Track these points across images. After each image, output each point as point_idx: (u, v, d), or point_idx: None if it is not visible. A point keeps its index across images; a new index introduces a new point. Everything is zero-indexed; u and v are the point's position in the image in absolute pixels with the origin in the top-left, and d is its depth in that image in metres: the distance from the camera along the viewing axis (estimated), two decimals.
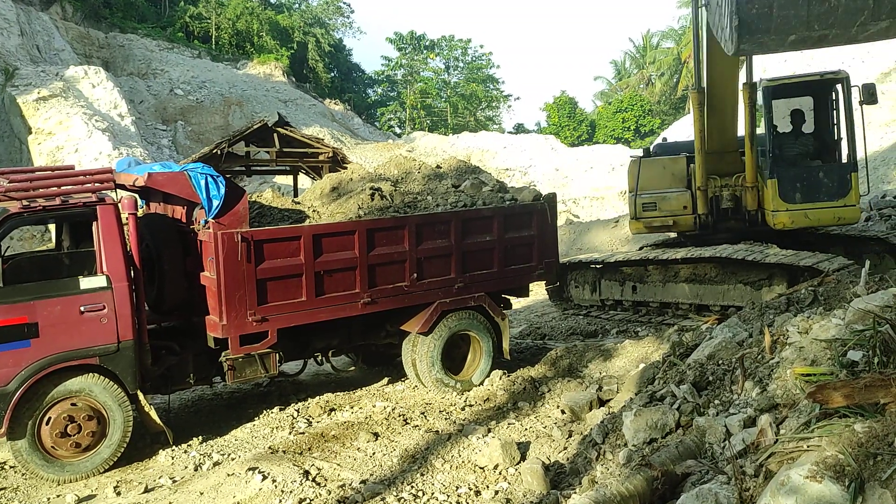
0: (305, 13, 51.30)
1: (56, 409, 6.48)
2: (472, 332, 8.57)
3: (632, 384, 6.93)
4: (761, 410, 4.48)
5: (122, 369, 6.69)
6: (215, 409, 8.40)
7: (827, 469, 3.30)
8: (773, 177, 10.41)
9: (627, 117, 53.93)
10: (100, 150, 19.38)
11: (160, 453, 7.00)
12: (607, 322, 11.65)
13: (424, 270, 8.11)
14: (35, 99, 20.23)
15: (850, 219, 10.30)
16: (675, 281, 11.12)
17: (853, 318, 4.89)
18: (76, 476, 6.54)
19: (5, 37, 25.29)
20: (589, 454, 5.48)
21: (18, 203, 6.40)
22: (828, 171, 10.34)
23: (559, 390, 8.06)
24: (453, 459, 6.38)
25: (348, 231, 7.61)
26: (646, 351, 8.75)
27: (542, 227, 8.97)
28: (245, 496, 5.82)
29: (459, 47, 58.39)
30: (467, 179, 9.05)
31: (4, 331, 6.17)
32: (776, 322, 5.94)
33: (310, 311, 7.47)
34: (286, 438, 7.20)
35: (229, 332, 7.07)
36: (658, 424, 5.03)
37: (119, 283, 6.62)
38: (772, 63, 26.18)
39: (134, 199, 6.95)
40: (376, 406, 8.04)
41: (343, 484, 5.99)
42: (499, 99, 61.02)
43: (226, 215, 6.99)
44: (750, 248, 10.14)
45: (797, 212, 10.31)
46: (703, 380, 5.41)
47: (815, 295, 6.88)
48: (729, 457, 4.16)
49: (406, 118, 56.52)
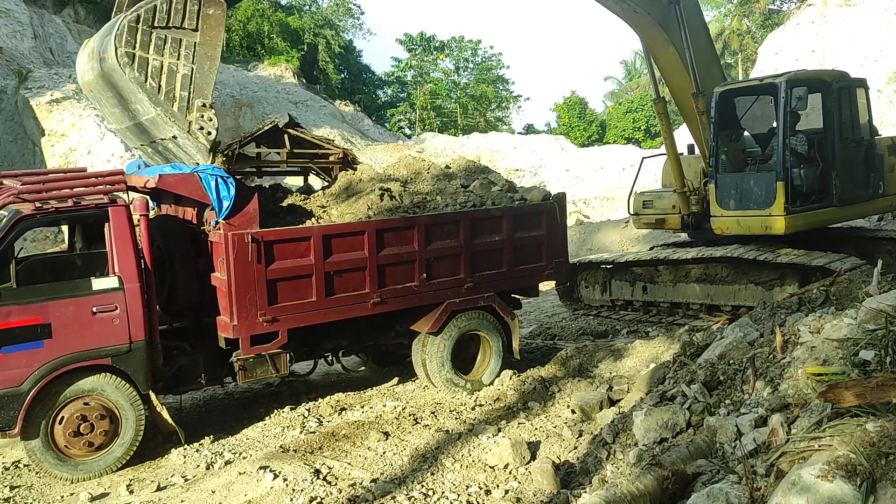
0: (316, 15, 51.38)
1: (69, 409, 6.52)
2: (481, 332, 8.57)
3: (642, 384, 6.92)
4: (772, 410, 4.47)
5: (134, 370, 6.73)
6: (227, 408, 8.43)
7: (838, 468, 3.29)
8: (712, 182, 10.40)
9: (638, 117, 53.76)
10: (112, 151, 19.49)
11: (172, 452, 7.04)
12: (618, 322, 11.62)
13: (434, 270, 8.12)
14: (48, 101, 20.37)
15: (776, 229, 9.65)
16: (685, 281, 11.10)
17: (865, 318, 4.87)
18: (89, 475, 6.58)
19: (19, 39, 25.49)
20: (599, 453, 5.48)
21: (31, 205, 6.44)
22: (757, 179, 10.04)
23: (569, 390, 8.06)
24: (463, 459, 6.39)
25: (358, 231, 7.63)
26: (656, 351, 8.73)
27: (552, 226, 8.96)
28: (256, 494, 5.85)
29: (469, 48, 58.32)
30: (476, 179, 9.05)
31: (18, 331, 6.21)
32: (787, 322, 5.92)
33: (320, 312, 7.49)
34: (297, 437, 7.23)
35: (240, 333, 7.10)
36: (669, 424, 5.02)
37: (131, 284, 6.65)
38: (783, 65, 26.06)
39: (145, 201, 6.99)
40: (387, 406, 8.06)
41: (354, 483, 6.01)
42: (508, 100, 60.90)
43: (236, 216, 7.02)
44: (761, 249, 10.09)
45: (730, 218, 10.22)
46: (714, 379, 5.40)
47: (826, 295, 6.85)
48: (740, 456, 4.15)
49: (416, 119, 56.52)
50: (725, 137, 10.57)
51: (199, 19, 6.91)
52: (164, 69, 6.76)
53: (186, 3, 6.87)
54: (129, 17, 6.70)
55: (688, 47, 10.51)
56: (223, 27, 7.13)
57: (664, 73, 11.41)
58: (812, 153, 10.15)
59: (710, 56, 11.24)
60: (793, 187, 9.74)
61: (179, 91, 6.84)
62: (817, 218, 10.13)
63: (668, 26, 10.58)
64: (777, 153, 9.77)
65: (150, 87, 6.74)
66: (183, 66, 6.84)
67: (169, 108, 6.80)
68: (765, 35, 36.35)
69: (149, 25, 6.70)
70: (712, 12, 45.03)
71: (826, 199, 10.15)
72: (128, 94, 7.13)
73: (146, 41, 6.68)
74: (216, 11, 7.00)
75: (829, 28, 27.95)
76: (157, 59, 6.74)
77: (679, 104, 11.49)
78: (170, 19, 6.77)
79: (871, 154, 10.68)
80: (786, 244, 10.09)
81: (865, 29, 26.38)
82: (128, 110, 7.49)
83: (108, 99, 7.67)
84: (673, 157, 11.46)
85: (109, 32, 6.96)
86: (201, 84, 6.94)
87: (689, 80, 10.70)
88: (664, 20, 10.55)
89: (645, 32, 11.03)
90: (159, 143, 7.85)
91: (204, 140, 6.96)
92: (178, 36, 6.82)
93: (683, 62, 10.65)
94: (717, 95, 10.35)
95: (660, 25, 10.57)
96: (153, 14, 6.72)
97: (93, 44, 7.55)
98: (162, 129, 7.35)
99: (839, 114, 10.25)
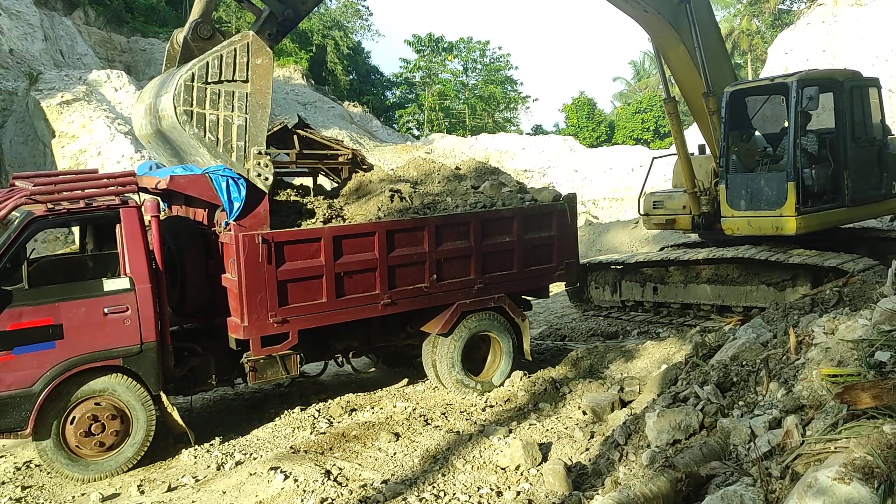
0: (324, 16, 51.47)
1: (80, 409, 6.54)
2: (492, 333, 8.55)
3: (654, 385, 6.88)
4: (787, 412, 4.43)
5: (146, 370, 6.74)
6: (237, 409, 8.44)
7: (855, 471, 3.26)
8: (722, 183, 10.37)
9: (647, 118, 53.63)
10: (122, 152, 19.55)
11: (183, 452, 7.06)
12: (628, 323, 11.58)
13: (444, 271, 8.11)
14: (59, 103, 20.46)
15: (788, 230, 9.62)
16: (696, 282, 11.05)
17: (880, 319, 4.83)
18: (100, 475, 6.60)
19: (30, 42, 25.64)
20: (611, 455, 5.44)
21: (43, 206, 6.47)
22: (769, 179, 9.99)
23: (580, 391, 8.02)
24: (474, 460, 6.37)
25: (368, 232, 7.63)
26: (667, 352, 8.69)
27: (562, 227, 8.93)
28: (267, 495, 5.85)
29: (478, 49, 58.35)
30: (487, 180, 9.03)
31: (30, 332, 6.23)
32: (801, 323, 5.89)
33: (330, 313, 7.49)
34: (307, 438, 7.23)
35: (251, 334, 7.11)
36: (682, 425, 4.99)
37: (142, 285, 6.67)
38: (793, 65, 25.95)
39: (156, 202, 7.02)
40: (397, 406, 8.05)
41: (365, 484, 6.00)
42: (517, 100, 60.91)
43: (247, 217, 7.03)
44: (773, 249, 10.03)
45: (741, 219, 10.18)
46: (727, 381, 5.37)
47: (840, 295, 6.82)
48: (754, 458, 4.12)
49: (424, 120, 56.56)
50: (736, 137, 10.53)
51: (248, 70, 7.08)
52: (221, 122, 6.97)
53: (236, 56, 7.03)
54: (184, 76, 6.87)
55: (698, 46, 10.48)
56: (272, 75, 7.32)
57: (675, 72, 11.38)
58: (824, 153, 10.09)
59: (720, 55, 11.20)
60: (804, 187, 9.69)
61: (236, 141, 7.04)
62: (829, 218, 10.07)
63: (678, 25, 10.55)
64: (788, 153, 9.71)
65: (209, 140, 6.94)
66: (237, 118, 7.04)
67: (228, 159, 7.02)
68: (774, 35, 36.24)
69: (203, 82, 6.89)
70: (722, 12, 44.94)
71: (838, 200, 10.09)
72: (187, 148, 7.32)
73: (202, 97, 6.87)
74: (264, 61, 7.18)
75: (839, 28, 27.83)
76: (214, 114, 6.93)
77: (690, 104, 11.46)
78: (221, 73, 6.95)
79: (884, 154, 10.62)
80: (797, 245, 10.03)
81: (877, 28, 26.25)
82: (185, 161, 7.71)
83: (165, 150, 7.92)
84: (684, 157, 11.44)
85: (166, 90, 7.15)
86: (255, 132, 7.13)
87: (699, 79, 10.66)
88: (675, 19, 10.52)
89: (655, 32, 11.00)
90: None
91: (262, 186, 7.14)
92: (230, 89, 7.00)
93: (694, 61, 10.62)
94: (728, 95, 10.31)
95: (670, 25, 10.54)
96: (206, 70, 6.91)
97: (148, 100, 7.76)
98: None
99: (851, 113, 10.18)
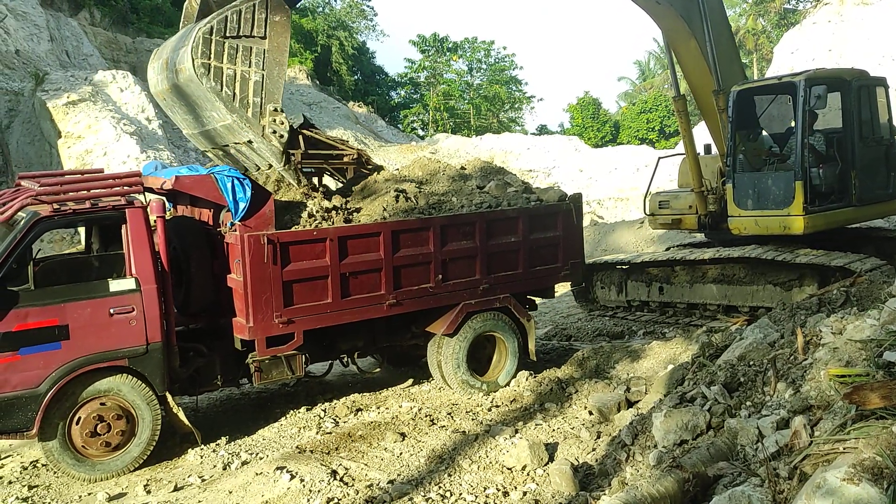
0: (329, 16, 51.53)
1: (86, 409, 6.55)
2: (497, 334, 8.54)
3: (661, 385, 6.86)
4: (795, 412, 4.41)
5: (151, 371, 6.75)
6: (243, 409, 8.45)
7: (864, 471, 3.24)
8: (729, 182, 10.32)
9: (652, 118, 53.48)
10: (128, 153, 19.57)
11: (189, 452, 7.06)
12: (634, 323, 11.55)
13: (449, 272, 8.10)
14: (64, 103, 20.49)
15: (795, 229, 9.58)
16: (702, 282, 11.01)
17: (888, 319, 4.81)
18: (106, 475, 6.61)
19: (35, 42, 25.69)
20: (618, 455, 5.43)
21: (49, 207, 6.48)
22: (776, 178, 9.93)
23: (586, 391, 8.01)
24: (480, 460, 6.36)
25: (373, 233, 7.62)
26: (674, 352, 8.66)
27: (568, 227, 8.91)
28: (273, 495, 5.85)
29: (482, 49, 58.32)
30: (492, 180, 9.02)
31: (36, 333, 6.25)
32: (808, 323, 5.86)
33: (335, 313, 7.49)
34: (313, 438, 7.23)
35: (256, 334, 7.11)
36: (689, 426, 4.97)
37: (147, 286, 6.68)
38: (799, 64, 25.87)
39: (162, 203, 7.01)
40: (402, 406, 8.04)
41: (371, 484, 6.00)
42: (522, 100, 60.84)
43: (252, 217, 7.02)
44: (779, 249, 9.99)
45: (748, 218, 10.13)
46: (735, 381, 5.34)
47: (847, 295, 6.79)
48: (762, 459, 4.10)
49: (429, 120, 56.54)
50: (743, 136, 10.49)
51: (266, 27, 7.10)
52: (238, 77, 6.98)
53: (255, 11, 7.03)
54: (202, 28, 6.87)
55: (709, 41, 10.44)
56: (289, 33, 7.32)
57: (685, 68, 11.30)
58: (831, 152, 10.05)
59: (731, 52, 11.18)
60: (811, 187, 9.65)
61: (252, 97, 7.06)
62: (836, 218, 10.02)
63: (690, 19, 10.50)
64: (796, 152, 9.67)
65: (225, 95, 6.95)
66: (254, 73, 7.06)
67: (244, 115, 7.04)
68: (780, 34, 36.14)
69: (221, 36, 6.90)
70: (728, 11, 44.78)
71: (845, 199, 10.04)
72: (203, 103, 7.31)
73: (220, 51, 6.88)
74: (282, 18, 7.20)
75: (846, 27, 27.73)
76: (231, 68, 6.95)
77: (699, 101, 11.39)
78: (240, 28, 6.96)
79: (892, 153, 10.57)
80: (804, 244, 9.99)
81: (883, 28, 26.14)
82: (200, 116, 7.69)
83: (180, 107, 7.89)
84: (692, 155, 11.34)
85: (183, 44, 7.14)
86: (272, 89, 7.15)
87: (709, 76, 10.62)
88: (687, 12, 10.46)
89: (667, 25, 10.94)
90: (232, 147, 8.04)
91: (277, 143, 7.18)
92: (248, 44, 7.02)
93: (705, 56, 10.57)
94: (735, 94, 10.27)
95: (682, 18, 10.49)
96: (225, 24, 6.92)
97: (165, 55, 7.73)
98: (237, 135, 7.56)
99: (859, 113, 10.14)
